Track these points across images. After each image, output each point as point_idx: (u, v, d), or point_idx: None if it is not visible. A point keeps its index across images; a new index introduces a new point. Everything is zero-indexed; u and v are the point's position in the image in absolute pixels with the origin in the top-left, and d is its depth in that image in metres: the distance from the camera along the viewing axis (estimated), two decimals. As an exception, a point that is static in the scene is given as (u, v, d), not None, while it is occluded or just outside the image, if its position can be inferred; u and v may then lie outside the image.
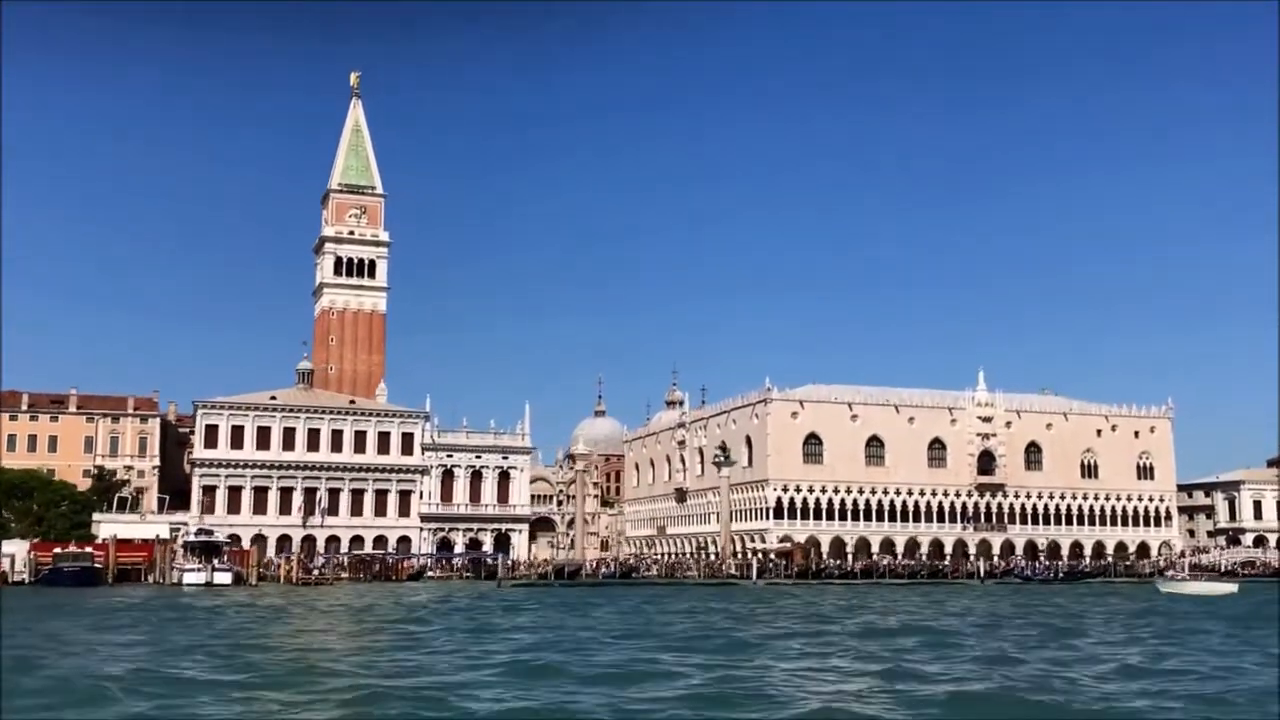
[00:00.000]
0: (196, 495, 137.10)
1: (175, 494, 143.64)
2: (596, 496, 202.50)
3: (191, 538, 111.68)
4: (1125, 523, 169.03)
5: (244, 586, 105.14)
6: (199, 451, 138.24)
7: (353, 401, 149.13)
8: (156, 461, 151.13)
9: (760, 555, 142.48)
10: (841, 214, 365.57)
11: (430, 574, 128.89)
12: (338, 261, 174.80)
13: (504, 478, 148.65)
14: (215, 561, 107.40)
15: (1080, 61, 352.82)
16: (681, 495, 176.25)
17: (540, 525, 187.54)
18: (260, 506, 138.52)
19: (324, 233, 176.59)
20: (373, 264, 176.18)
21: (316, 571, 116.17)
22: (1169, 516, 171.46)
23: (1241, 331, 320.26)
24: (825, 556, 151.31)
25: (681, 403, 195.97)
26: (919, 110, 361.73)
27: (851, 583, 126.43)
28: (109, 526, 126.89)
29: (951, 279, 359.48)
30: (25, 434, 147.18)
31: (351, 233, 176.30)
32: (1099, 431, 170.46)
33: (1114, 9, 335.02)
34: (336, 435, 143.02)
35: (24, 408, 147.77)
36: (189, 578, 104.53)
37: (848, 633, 50.90)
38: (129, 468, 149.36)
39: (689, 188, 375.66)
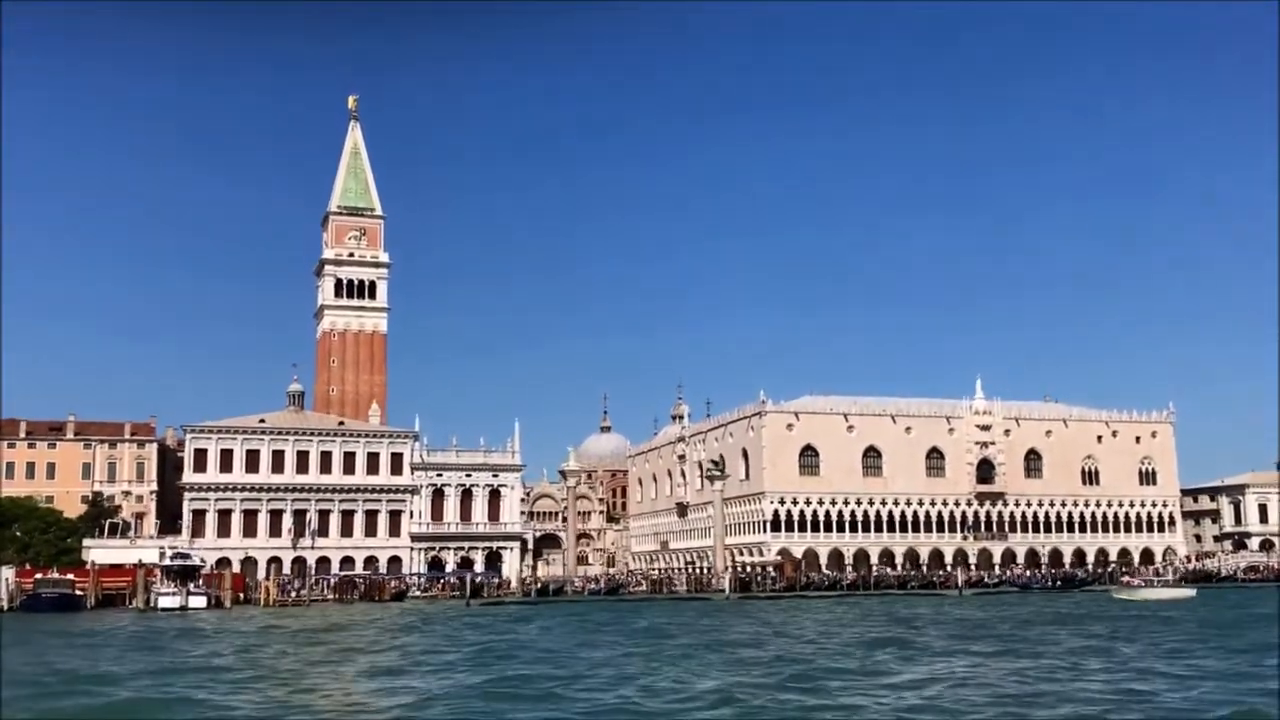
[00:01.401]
0: (187, 519, 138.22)
1: (174, 518, 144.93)
2: (602, 513, 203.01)
3: (168, 561, 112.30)
4: (1128, 529, 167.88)
5: (219, 609, 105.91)
6: (188, 475, 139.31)
7: (341, 423, 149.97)
8: (154, 486, 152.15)
9: (749, 569, 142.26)
10: (847, 224, 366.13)
11: (414, 594, 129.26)
12: (338, 283, 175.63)
13: (494, 496, 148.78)
14: (190, 585, 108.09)
15: (1077, 65, 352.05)
16: (682, 510, 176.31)
17: (547, 542, 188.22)
18: (250, 529, 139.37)
19: (324, 255, 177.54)
20: (373, 285, 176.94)
21: (294, 594, 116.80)
22: (1173, 522, 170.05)
23: (1246, 333, 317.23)
24: (824, 569, 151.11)
25: (688, 417, 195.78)
26: (915, 120, 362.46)
27: (826, 595, 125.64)
28: (99, 552, 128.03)
29: (952, 288, 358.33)
30: (24, 461, 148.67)
31: (351, 254, 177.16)
32: (1099, 438, 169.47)
33: (1112, 10, 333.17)
34: (325, 456, 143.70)
35: (22, 435, 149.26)
36: (163, 601, 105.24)
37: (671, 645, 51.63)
38: (127, 493, 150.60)
39: (689, 203, 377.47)
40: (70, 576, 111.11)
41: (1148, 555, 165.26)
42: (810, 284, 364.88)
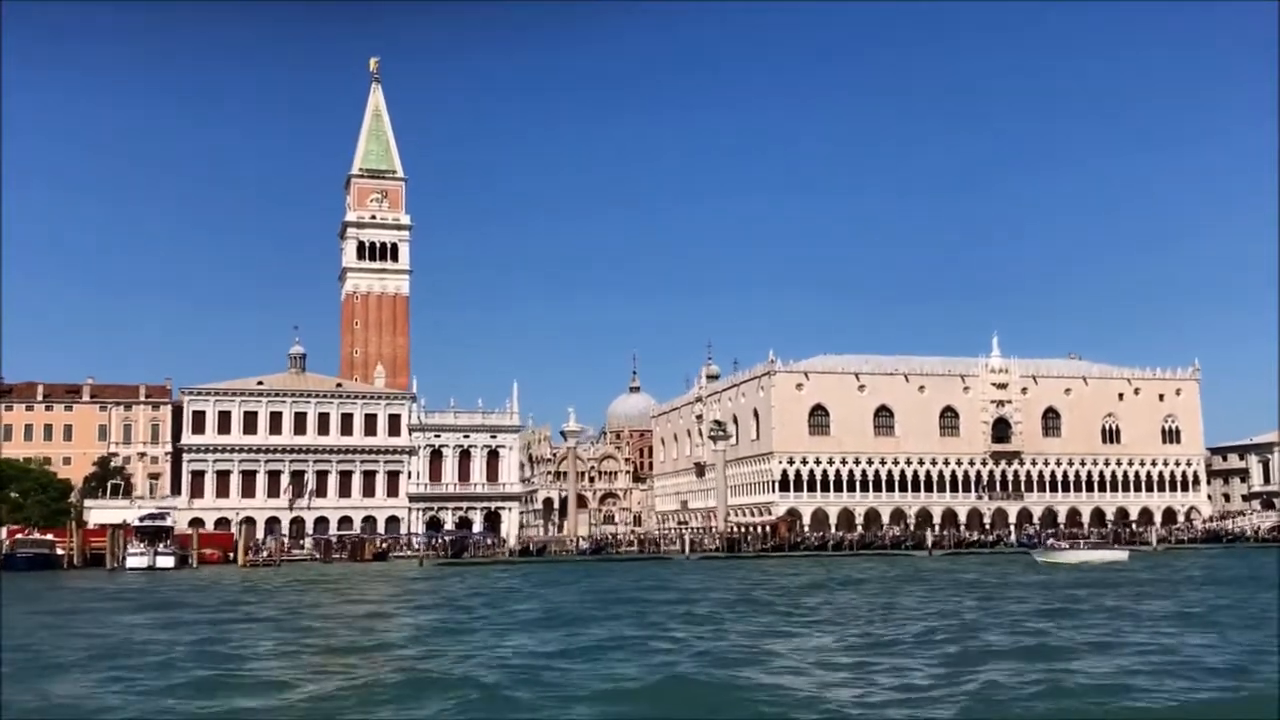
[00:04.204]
0: (186, 480, 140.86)
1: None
2: (629, 472, 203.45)
3: (138, 522, 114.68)
4: (1150, 488, 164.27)
5: (186, 569, 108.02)
6: (186, 437, 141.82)
7: (339, 384, 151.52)
8: (169, 448, 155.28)
9: (738, 529, 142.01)
10: (866, 188, 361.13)
11: (406, 553, 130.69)
12: (360, 246, 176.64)
13: (493, 456, 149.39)
14: (159, 545, 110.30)
15: (1099, 29, 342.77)
16: (700, 470, 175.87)
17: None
18: (248, 490, 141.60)
19: (346, 218, 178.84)
20: (395, 247, 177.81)
21: (265, 554, 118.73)
22: (1197, 481, 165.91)
23: (1274, 289, 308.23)
24: (834, 529, 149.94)
25: (716, 377, 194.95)
26: (933, 79, 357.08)
27: (789, 556, 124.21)
28: (99, 512, 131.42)
29: (970, 246, 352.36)
30: (41, 423, 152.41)
31: (373, 217, 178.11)
32: (1121, 395, 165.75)
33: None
34: (323, 418, 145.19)
35: (39, 398, 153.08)
36: (132, 561, 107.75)
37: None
38: (142, 454, 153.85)
39: (712, 163, 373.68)
40: (49, 537, 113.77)
41: (1170, 515, 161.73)
42: (837, 244, 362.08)
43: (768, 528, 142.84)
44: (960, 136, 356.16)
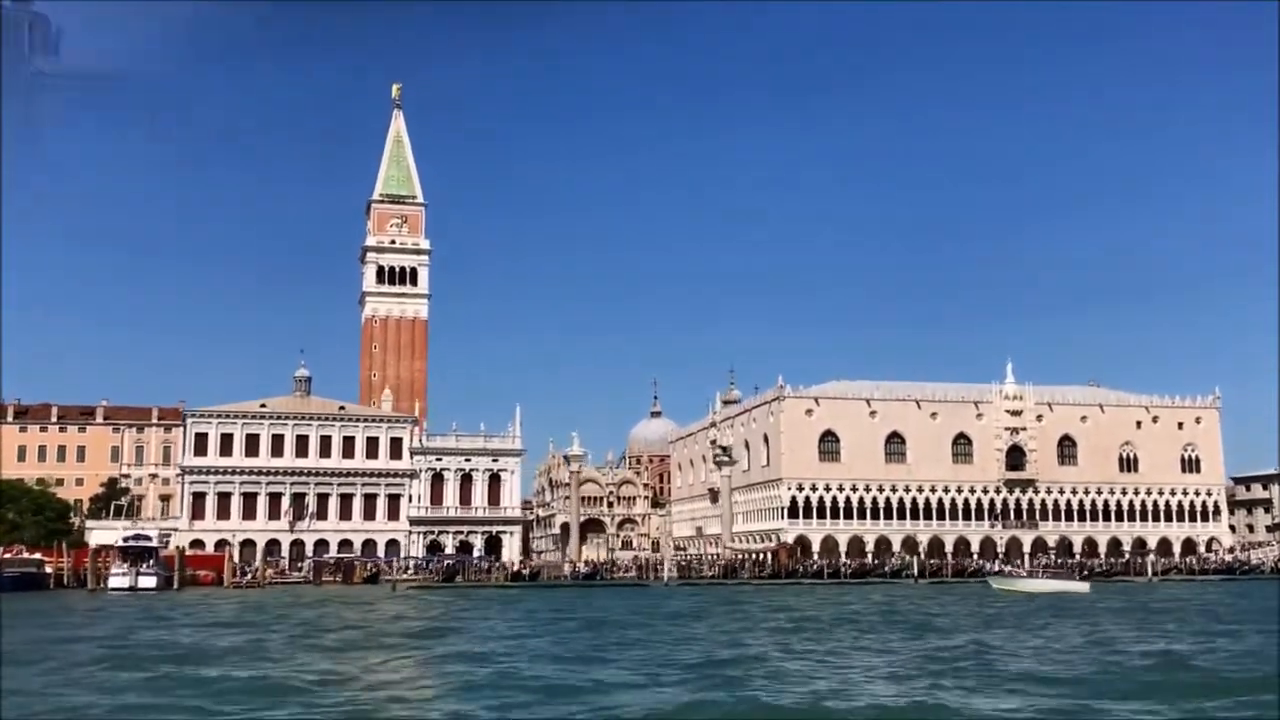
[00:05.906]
0: (187, 501, 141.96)
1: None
2: (648, 498, 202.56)
3: (121, 542, 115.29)
4: (1169, 518, 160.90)
5: (169, 590, 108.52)
6: (188, 459, 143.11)
7: (342, 408, 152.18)
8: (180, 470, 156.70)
9: (736, 555, 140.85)
10: (879, 208, 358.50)
11: (390, 578, 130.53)
12: (379, 270, 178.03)
13: (494, 480, 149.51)
14: (142, 565, 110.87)
15: (1114, 51, 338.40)
16: (714, 495, 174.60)
17: (591, 526, 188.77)
18: (249, 512, 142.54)
19: (366, 242, 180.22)
20: (414, 272, 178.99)
21: (250, 576, 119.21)
22: (1217, 511, 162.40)
23: None
24: (844, 556, 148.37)
25: (736, 402, 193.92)
26: (943, 99, 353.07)
27: (770, 583, 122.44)
28: (100, 533, 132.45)
29: (986, 271, 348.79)
30: (55, 444, 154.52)
31: (393, 242, 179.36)
32: (1139, 423, 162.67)
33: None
34: (325, 441, 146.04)
35: (53, 419, 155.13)
36: (114, 581, 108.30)
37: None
38: (154, 475, 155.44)
39: (729, 188, 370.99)
40: (38, 556, 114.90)
41: (1189, 545, 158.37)
42: (853, 270, 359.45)
43: (769, 554, 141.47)
44: (975, 160, 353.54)
